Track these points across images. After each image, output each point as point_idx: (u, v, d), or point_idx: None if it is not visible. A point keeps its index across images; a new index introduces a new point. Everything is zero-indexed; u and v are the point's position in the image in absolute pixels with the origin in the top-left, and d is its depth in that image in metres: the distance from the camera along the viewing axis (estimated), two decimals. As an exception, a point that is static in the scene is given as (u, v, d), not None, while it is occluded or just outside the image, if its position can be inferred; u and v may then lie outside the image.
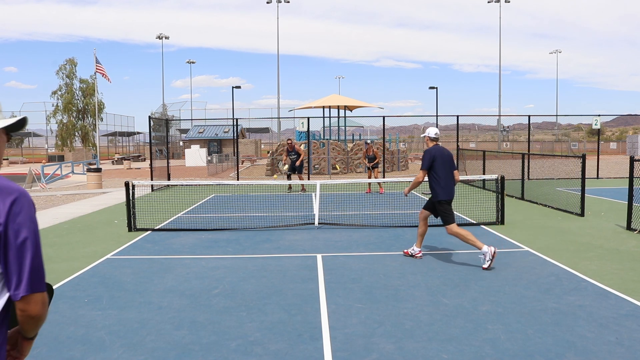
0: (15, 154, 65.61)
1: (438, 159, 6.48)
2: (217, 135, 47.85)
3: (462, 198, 13.00)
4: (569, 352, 3.92)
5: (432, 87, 40.32)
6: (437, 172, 6.48)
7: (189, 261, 7.01)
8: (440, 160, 6.49)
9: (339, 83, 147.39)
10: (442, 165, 6.49)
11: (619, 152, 53.60)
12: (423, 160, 6.59)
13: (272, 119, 51.88)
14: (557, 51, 64.73)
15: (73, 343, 4.19)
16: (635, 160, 8.92)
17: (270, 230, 9.31)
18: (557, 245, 7.72)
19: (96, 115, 45.63)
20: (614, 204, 12.31)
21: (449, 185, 6.51)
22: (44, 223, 10.43)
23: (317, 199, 11.32)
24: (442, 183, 6.47)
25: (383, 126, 21.62)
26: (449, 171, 6.55)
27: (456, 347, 4.03)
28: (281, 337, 4.27)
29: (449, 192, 6.52)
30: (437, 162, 6.48)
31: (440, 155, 6.51)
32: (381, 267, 6.56)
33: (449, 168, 6.57)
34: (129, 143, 69.37)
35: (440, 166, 6.48)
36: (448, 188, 6.50)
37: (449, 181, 6.54)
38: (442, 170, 6.48)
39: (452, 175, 6.61)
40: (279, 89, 45.40)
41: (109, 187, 19.03)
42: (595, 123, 21.78)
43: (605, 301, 5.10)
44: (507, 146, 52.64)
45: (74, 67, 53.92)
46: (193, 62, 65.33)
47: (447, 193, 6.50)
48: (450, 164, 6.60)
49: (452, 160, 6.68)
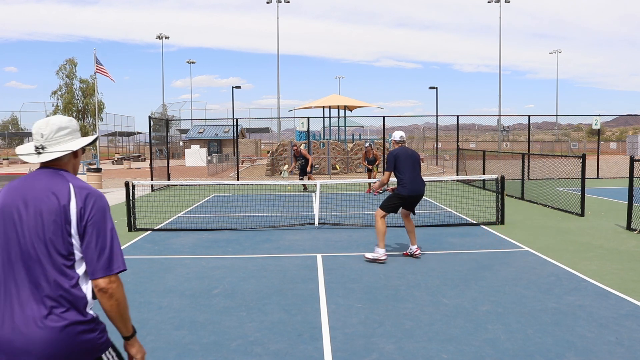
0: (16, 154, 65.56)
1: (401, 158, 6.76)
2: (217, 135, 47.85)
3: (462, 198, 13.00)
4: (569, 352, 3.92)
5: (432, 87, 40.37)
6: (400, 171, 6.76)
7: (189, 261, 7.01)
8: (402, 159, 6.75)
9: (339, 83, 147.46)
10: (404, 164, 6.74)
11: (619, 152, 53.61)
12: (387, 163, 6.89)
13: (272, 119, 51.90)
14: (557, 51, 64.77)
15: (73, 343, 4.18)
16: (635, 160, 8.92)
17: (270, 230, 9.31)
18: (557, 245, 7.72)
19: (96, 115, 45.65)
20: (614, 204, 12.31)
21: (412, 182, 6.73)
22: (44, 223, 10.42)
23: (317, 199, 11.32)
24: (405, 181, 6.72)
25: (383, 126, 21.63)
26: (412, 169, 6.77)
27: (456, 347, 4.03)
28: (281, 337, 4.27)
29: (411, 189, 6.72)
30: (399, 161, 6.75)
31: (403, 155, 6.78)
32: (381, 267, 6.56)
33: (412, 166, 6.79)
34: (129, 143, 69.37)
35: (403, 165, 6.74)
36: (411, 185, 6.72)
37: (413, 179, 6.75)
38: (405, 168, 6.73)
39: (417, 173, 6.82)
40: (279, 89, 45.44)
41: (109, 187, 19.03)
42: (595, 123, 21.78)
43: (605, 301, 5.10)
44: (507, 146, 52.65)
45: (74, 67, 53.99)
46: (193, 62, 65.38)
47: (408, 190, 6.71)
48: (414, 163, 6.84)
49: (418, 159, 6.93)
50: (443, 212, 11.18)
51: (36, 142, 2.04)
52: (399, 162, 6.75)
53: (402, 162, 6.74)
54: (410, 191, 6.71)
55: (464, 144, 47.14)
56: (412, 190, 6.71)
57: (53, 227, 1.92)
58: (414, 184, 6.73)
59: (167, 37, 56.62)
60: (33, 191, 1.98)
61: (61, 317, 1.89)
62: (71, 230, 1.93)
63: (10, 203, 1.98)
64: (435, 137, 34.19)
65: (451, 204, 12.32)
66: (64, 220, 1.93)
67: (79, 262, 1.96)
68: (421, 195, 6.84)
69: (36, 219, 1.93)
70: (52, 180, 2.00)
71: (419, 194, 6.78)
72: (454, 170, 24.28)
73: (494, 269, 6.37)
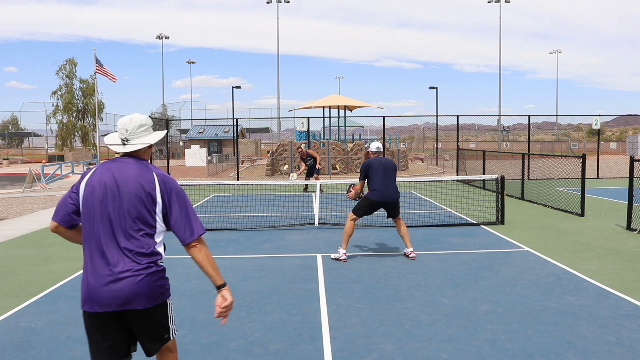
0: (15, 154, 65.62)
1: (373, 167, 6.92)
2: (217, 135, 47.83)
3: (462, 198, 13.00)
4: (569, 352, 3.92)
5: (432, 87, 40.36)
6: (371, 179, 6.93)
7: (189, 261, 6.99)
8: (374, 168, 6.92)
9: (339, 83, 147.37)
10: (376, 172, 6.90)
11: (619, 152, 53.60)
12: (360, 172, 7.07)
13: (272, 119, 51.91)
14: (557, 51, 64.77)
15: (73, 343, 4.19)
16: (635, 160, 8.92)
17: (270, 230, 9.31)
18: (557, 245, 7.72)
19: (96, 115, 45.59)
20: (614, 204, 12.31)
21: (382, 189, 6.86)
22: (44, 223, 10.43)
23: (317, 199, 11.32)
24: (375, 188, 6.87)
25: (383, 126, 21.63)
26: (383, 177, 6.90)
27: (456, 347, 4.03)
28: (281, 337, 4.27)
29: (381, 195, 6.85)
30: (371, 170, 6.91)
31: (375, 164, 6.95)
32: (381, 267, 6.56)
33: (384, 174, 6.91)
34: (129, 143, 69.26)
35: (374, 173, 6.90)
36: (381, 192, 6.86)
37: (384, 186, 6.88)
38: (376, 176, 6.89)
39: (389, 182, 6.93)
40: (279, 89, 45.43)
41: (109, 187, 19.02)
42: (595, 123, 21.79)
43: (605, 301, 5.10)
44: (507, 146, 52.65)
45: (73, 67, 53.94)
46: (193, 62, 65.35)
47: (377, 196, 6.85)
48: (386, 170, 6.96)
49: (391, 167, 7.05)
50: (443, 212, 11.18)
51: (121, 135, 2.66)
52: (370, 171, 6.91)
53: (373, 170, 6.90)
54: (380, 197, 6.83)
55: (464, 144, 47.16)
56: (382, 197, 6.83)
57: (139, 206, 2.54)
58: (383, 190, 6.83)
59: (167, 37, 56.63)
60: (123, 175, 2.57)
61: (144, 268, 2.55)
62: (156, 209, 2.59)
63: (105, 182, 2.55)
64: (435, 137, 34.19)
65: (451, 204, 12.31)
66: (150, 202, 2.57)
67: (159, 234, 2.65)
68: (392, 202, 6.90)
69: (129, 199, 2.53)
70: (140, 168, 2.61)
71: (388, 200, 6.86)
72: (454, 170, 24.28)
73: (494, 269, 6.37)
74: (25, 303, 5.24)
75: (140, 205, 2.55)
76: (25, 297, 5.43)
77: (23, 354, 3.98)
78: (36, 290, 5.68)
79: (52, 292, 5.62)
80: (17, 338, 4.31)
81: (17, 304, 5.22)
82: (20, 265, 6.89)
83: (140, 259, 2.55)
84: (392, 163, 7.14)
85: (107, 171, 2.60)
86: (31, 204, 14.31)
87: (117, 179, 2.56)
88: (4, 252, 7.81)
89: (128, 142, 2.66)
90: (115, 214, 2.53)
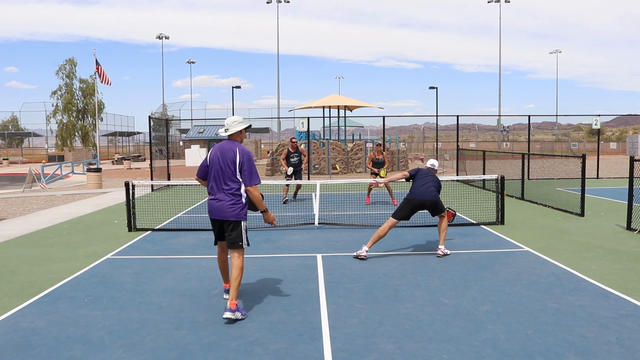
0: (15, 154, 65.60)
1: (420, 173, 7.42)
2: (217, 135, 47.78)
3: (462, 198, 13.00)
4: (569, 352, 3.92)
5: (432, 87, 40.32)
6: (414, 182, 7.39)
7: (189, 261, 7.01)
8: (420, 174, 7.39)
9: (339, 83, 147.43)
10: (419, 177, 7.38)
11: (619, 152, 53.60)
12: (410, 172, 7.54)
13: (272, 119, 51.88)
14: (557, 51, 64.78)
15: (73, 343, 4.19)
16: (635, 160, 8.91)
17: (270, 230, 9.31)
18: (557, 245, 7.72)
19: (96, 115, 45.62)
20: (614, 204, 12.31)
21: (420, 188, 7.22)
22: (44, 223, 10.43)
23: (317, 199, 11.31)
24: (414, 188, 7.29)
25: (383, 126, 21.63)
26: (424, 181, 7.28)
27: (456, 347, 4.03)
28: (281, 337, 4.27)
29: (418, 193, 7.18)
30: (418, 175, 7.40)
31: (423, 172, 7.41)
32: (381, 267, 6.56)
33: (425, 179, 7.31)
34: (129, 143, 69.36)
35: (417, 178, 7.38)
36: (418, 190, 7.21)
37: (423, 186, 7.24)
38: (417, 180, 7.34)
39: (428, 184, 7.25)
40: (279, 89, 45.42)
41: (109, 187, 19.03)
42: (595, 123, 21.78)
43: (605, 301, 5.10)
44: (507, 146, 52.64)
45: (73, 67, 53.93)
46: (193, 62, 65.34)
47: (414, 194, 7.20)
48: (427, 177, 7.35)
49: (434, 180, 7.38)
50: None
51: (224, 126, 4.89)
52: (417, 174, 7.40)
53: (419, 175, 7.38)
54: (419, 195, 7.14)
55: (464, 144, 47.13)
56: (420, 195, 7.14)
57: (231, 165, 4.73)
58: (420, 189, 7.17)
59: (167, 37, 56.60)
60: (223, 149, 4.79)
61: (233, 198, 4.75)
62: (237, 167, 4.73)
63: (215, 153, 4.83)
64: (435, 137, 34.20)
65: (451, 204, 12.28)
66: (234, 163, 4.73)
67: (239, 182, 4.75)
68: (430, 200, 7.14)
69: (225, 162, 4.75)
70: (231, 145, 4.81)
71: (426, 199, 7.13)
72: (454, 170, 24.28)
73: (494, 269, 6.37)
74: (25, 303, 5.24)
75: (231, 165, 4.76)
76: (25, 297, 5.43)
77: (23, 354, 3.98)
78: (36, 290, 5.68)
79: (52, 292, 5.62)
80: (17, 338, 4.31)
81: (17, 304, 5.22)
82: (20, 265, 6.89)
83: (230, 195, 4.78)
84: (437, 177, 7.46)
85: (217, 147, 4.90)
86: (31, 204, 14.30)
87: (221, 152, 4.83)
88: (4, 252, 7.81)
89: (227, 132, 4.90)
90: (219, 170, 4.81)
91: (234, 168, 4.70)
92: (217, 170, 4.76)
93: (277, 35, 44.35)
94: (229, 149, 4.74)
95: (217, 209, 4.77)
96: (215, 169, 4.78)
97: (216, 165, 4.77)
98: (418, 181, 7.26)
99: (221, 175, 4.74)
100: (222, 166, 4.73)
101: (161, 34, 55.91)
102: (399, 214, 7.10)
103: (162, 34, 55.98)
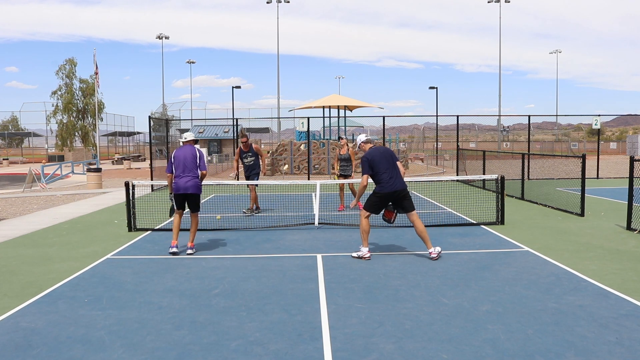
0: (15, 154, 65.59)
1: (376, 159, 6.79)
2: (217, 135, 47.81)
3: (462, 198, 13.00)
4: (569, 352, 3.92)
5: (432, 87, 40.33)
6: (377, 172, 6.80)
7: (189, 261, 7.01)
8: (378, 160, 6.78)
9: (339, 83, 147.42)
10: (380, 164, 6.78)
11: (619, 152, 53.61)
12: (362, 166, 6.87)
13: (272, 119, 51.89)
14: (557, 51, 64.80)
15: (73, 343, 4.19)
16: (635, 160, 8.91)
17: (270, 230, 9.31)
18: (557, 245, 7.72)
19: (96, 115, 45.63)
20: (614, 204, 12.31)
21: (390, 180, 6.78)
22: (44, 223, 10.43)
23: (317, 199, 11.31)
24: (384, 179, 6.78)
25: (383, 126, 21.63)
26: (389, 167, 6.80)
27: (456, 347, 4.03)
28: (281, 337, 4.27)
29: (390, 186, 6.76)
30: (375, 163, 6.78)
31: (378, 156, 6.82)
32: (381, 267, 6.56)
33: (389, 164, 6.82)
34: (129, 143, 69.37)
35: (379, 166, 6.78)
36: (390, 183, 6.77)
37: (392, 176, 6.79)
38: (381, 168, 6.77)
39: (395, 170, 6.84)
40: (279, 89, 45.41)
41: (109, 187, 19.03)
42: (595, 123, 21.78)
43: (605, 301, 5.10)
44: (507, 146, 52.64)
45: (73, 67, 53.94)
46: (193, 62, 65.33)
47: (387, 188, 6.76)
48: (390, 160, 6.86)
49: (392, 155, 6.95)
50: (443, 212, 11.18)
51: (184, 137, 7.74)
52: (374, 163, 6.78)
53: (377, 162, 6.78)
54: (390, 188, 6.76)
55: (464, 144, 47.14)
56: (392, 188, 6.76)
57: (194, 159, 7.47)
58: (391, 181, 6.77)
59: (167, 37, 56.57)
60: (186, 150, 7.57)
61: (194, 177, 7.45)
62: (198, 160, 7.49)
63: (181, 152, 7.50)
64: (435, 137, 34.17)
65: (451, 204, 12.32)
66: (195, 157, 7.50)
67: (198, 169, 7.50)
68: (402, 191, 6.84)
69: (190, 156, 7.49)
70: (191, 147, 7.62)
71: (397, 189, 6.79)
72: (454, 170, 24.28)
73: (494, 269, 6.37)
74: (25, 303, 5.24)
75: (195, 159, 7.43)
76: (25, 297, 5.43)
77: (23, 354, 3.98)
78: (36, 290, 5.68)
79: (52, 292, 5.62)
80: (17, 338, 4.31)
81: (17, 304, 5.22)
82: (20, 265, 6.89)
83: (195, 178, 7.40)
84: (391, 151, 7.05)
85: (182, 149, 7.52)
86: (31, 204, 14.31)
87: (185, 151, 7.48)
88: (4, 252, 7.81)
89: (186, 139, 7.68)
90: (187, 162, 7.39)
91: (196, 160, 7.42)
92: (184, 163, 7.36)
93: (277, 35, 44.37)
94: (191, 149, 7.54)
95: (185, 187, 7.33)
96: (183, 162, 7.36)
97: (183, 160, 7.38)
98: (382, 169, 6.76)
99: (189, 166, 7.35)
100: (189, 159, 7.39)
101: (161, 34, 55.92)
102: (372, 208, 6.91)
103: (162, 34, 55.99)
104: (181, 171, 7.36)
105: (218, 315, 4.82)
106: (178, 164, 7.41)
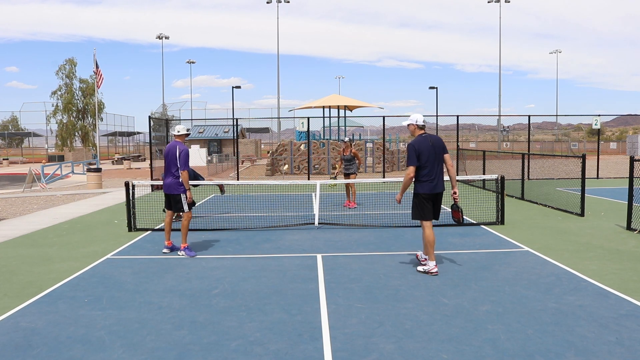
0: (15, 154, 65.60)
1: (424, 151, 5.91)
2: (217, 135, 47.84)
3: (462, 198, 12.96)
4: (569, 352, 3.92)
5: (432, 87, 40.33)
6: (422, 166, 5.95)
7: (189, 261, 7.01)
8: (425, 151, 5.91)
9: (339, 83, 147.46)
10: (427, 157, 5.92)
11: (619, 152, 53.60)
12: (408, 156, 5.97)
13: (272, 119, 51.90)
14: (557, 51, 64.80)
15: (73, 343, 4.19)
16: (635, 160, 8.91)
17: (270, 230, 9.31)
18: (557, 245, 7.72)
19: (96, 115, 45.61)
20: (614, 204, 12.31)
21: (434, 179, 5.94)
22: (44, 223, 10.43)
23: (317, 199, 11.31)
24: (426, 177, 5.95)
25: (383, 126, 21.64)
26: (435, 162, 5.96)
27: (456, 347, 4.03)
28: (281, 337, 4.27)
29: (431, 186, 5.96)
30: (422, 155, 5.92)
31: (426, 147, 5.92)
32: (381, 267, 6.56)
33: (436, 158, 5.98)
34: (129, 143, 69.36)
35: (426, 159, 5.92)
36: (432, 183, 5.94)
37: (436, 175, 5.96)
38: (427, 162, 5.93)
39: (439, 167, 6.03)
40: (279, 89, 45.41)
41: (109, 187, 19.03)
42: (595, 123, 21.78)
43: (605, 301, 5.10)
44: (507, 146, 52.63)
45: (73, 67, 53.94)
46: (193, 62, 65.32)
47: (427, 188, 5.96)
48: (439, 155, 6.01)
49: (443, 148, 6.05)
50: (443, 212, 11.14)
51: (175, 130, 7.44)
52: (422, 155, 5.88)
53: (424, 154, 5.85)
54: (430, 189, 5.98)
55: (464, 144, 47.11)
56: (432, 189, 5.98)
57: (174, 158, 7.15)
58: (435, 180, 5.97)
59: (167, 37, 56.56)
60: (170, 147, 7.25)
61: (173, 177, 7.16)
62: (177, 159, 7.10)
63: (166, 148, 7.32)
64: (435, 137, 34.12)
65: (451, 203, 12.29)
66: (175, 156, 7.12)
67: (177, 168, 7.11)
68: (441, 193, 6.11)
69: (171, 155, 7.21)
70: (176, 143, 7.26)
71: (438, 192, 6.04)
72: (454, 170, 24.24)
73: (494, 269, 6.37)
74: (25, 303, 5.24)
75: (174, 157, 7.09)
76: (25, 297, 5.43)
77: (23, 354, 3.98)
78: (36, 290, 5.68)
79: (52, 292, 5.62)
80: (17, 338, 4.31)
81: (17, 304, 5.22)
82: (20, 265, 6.89)
83: (174, 177, 7.11)
84: (442, 143, 6.00)
85: (168, 145, 7.25)
86: (31, 204, 14.30)
87: (169, 148, 7.21)
88: (4, 252, 7.81)
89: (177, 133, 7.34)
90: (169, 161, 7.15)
91: (175, 159, 7.12)
92: (167, 161, 7.25)
93: (277, 35, 44.36)
94: (174, 146, 7.20)
95: (165, 186, 7.26)
96: (166, 160, 7.24)
97: (166, 157, 7.24)
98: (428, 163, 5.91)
99: (169, 164, 7.20)
100: (170, 158, 7.19)
101: (161, 34, 55.91)
102: (427, 215, 6.08)
103: (162, 34, 55.98)
104: (165, 169, 7.26)
105: (218, 315, 4.82)
106: (164, 162, 7.32)
